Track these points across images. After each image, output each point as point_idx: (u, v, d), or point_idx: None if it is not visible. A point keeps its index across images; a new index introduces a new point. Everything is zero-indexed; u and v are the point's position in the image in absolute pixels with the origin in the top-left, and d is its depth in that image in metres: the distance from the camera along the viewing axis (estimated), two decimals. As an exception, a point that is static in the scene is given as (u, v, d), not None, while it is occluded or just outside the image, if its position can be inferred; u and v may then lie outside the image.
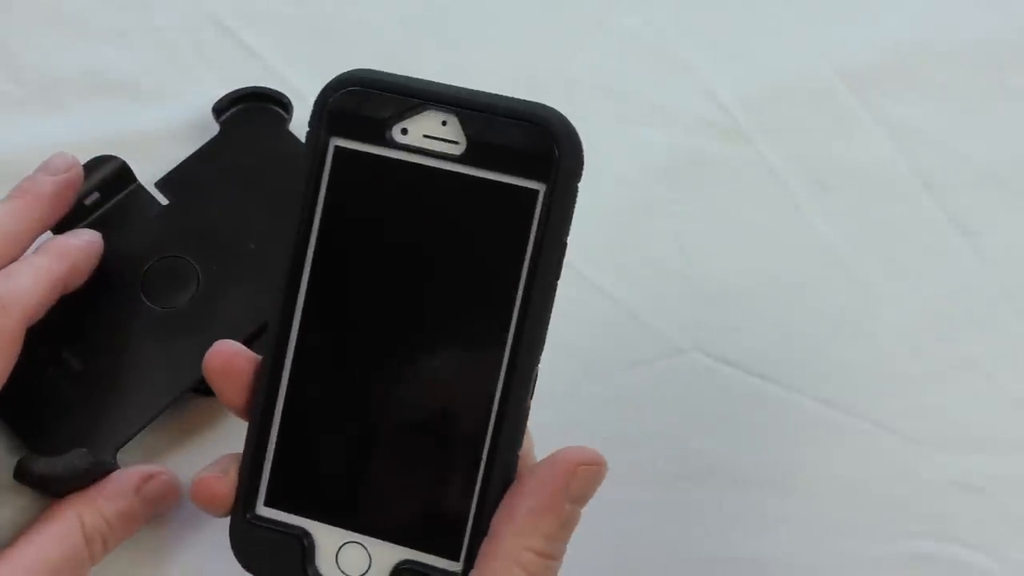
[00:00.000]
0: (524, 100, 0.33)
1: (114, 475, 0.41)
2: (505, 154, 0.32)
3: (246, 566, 0.34)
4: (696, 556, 0.45)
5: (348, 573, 0.33)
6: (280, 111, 0.48)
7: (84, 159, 0.45)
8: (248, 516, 0.34)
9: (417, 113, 0.33)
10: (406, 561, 0.33)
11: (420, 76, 0.35)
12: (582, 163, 0.33)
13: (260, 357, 0.35)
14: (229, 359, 0.35)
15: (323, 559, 0.33)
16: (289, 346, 0.34)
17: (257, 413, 0.34)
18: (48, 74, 0.51)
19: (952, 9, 0.54)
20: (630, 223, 0.49)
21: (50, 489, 0.41)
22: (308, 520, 0.34)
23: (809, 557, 0.45)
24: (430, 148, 0.33)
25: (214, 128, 0.48)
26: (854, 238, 0.49)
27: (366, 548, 0.33)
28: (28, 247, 0.42)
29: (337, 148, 0.33)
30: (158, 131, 0.49)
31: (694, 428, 0.46)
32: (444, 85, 0.33)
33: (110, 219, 0.46)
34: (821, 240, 0.49)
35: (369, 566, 0.33)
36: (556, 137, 0.32)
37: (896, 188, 0.50)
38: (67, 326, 0.43)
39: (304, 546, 0.33)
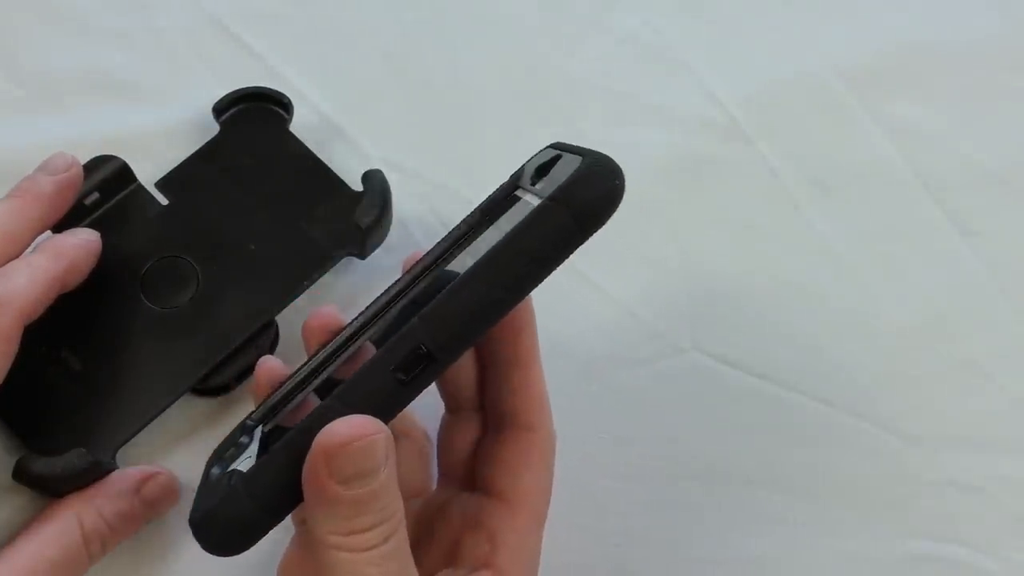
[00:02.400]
0: (594, 150, 0.33)
1: (113, 475, 0.41)
2: (548, 184, 0.33)
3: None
4: (696, 556, 0.45)
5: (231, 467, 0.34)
6: (280, 111, 0.48)
7: (84, 159, 0.45)
8: (248, 421, 0.36)
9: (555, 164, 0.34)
10: (234, 471, 0.33)
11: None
12: (590, 203, 0.31)
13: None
14: (327, 320, 0.37)
15: (230, 456, 0.35)
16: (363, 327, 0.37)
17: (305, 363, 0.37)
18: (48, 74, 0.51)
19: (952, 9, 0.54)
20: (630, 223, 0.49)
21: (49, 489, 0.41)
22: (256, 438, 0.35)
23: (809, 557, 0.45)
24: (536, 187, 0.34)
25: (214, 128, 0.48)
26: (854, 238, 0.49)
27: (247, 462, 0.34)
28: (27, 247, 0.42)
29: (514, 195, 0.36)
30: (158, 131, 0.49)
31: (694, 428, 0.46)
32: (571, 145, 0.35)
33: (110, 219, 0.46)
34: (821, 240, 0.49)
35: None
36: (576, 169, 0.32)
37: (896, 188, 0.50)
38: (66, 326, 0.43)
39: (231, 449, 0.36)
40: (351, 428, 0.30)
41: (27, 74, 0.51)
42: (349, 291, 0.46)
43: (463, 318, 0.31)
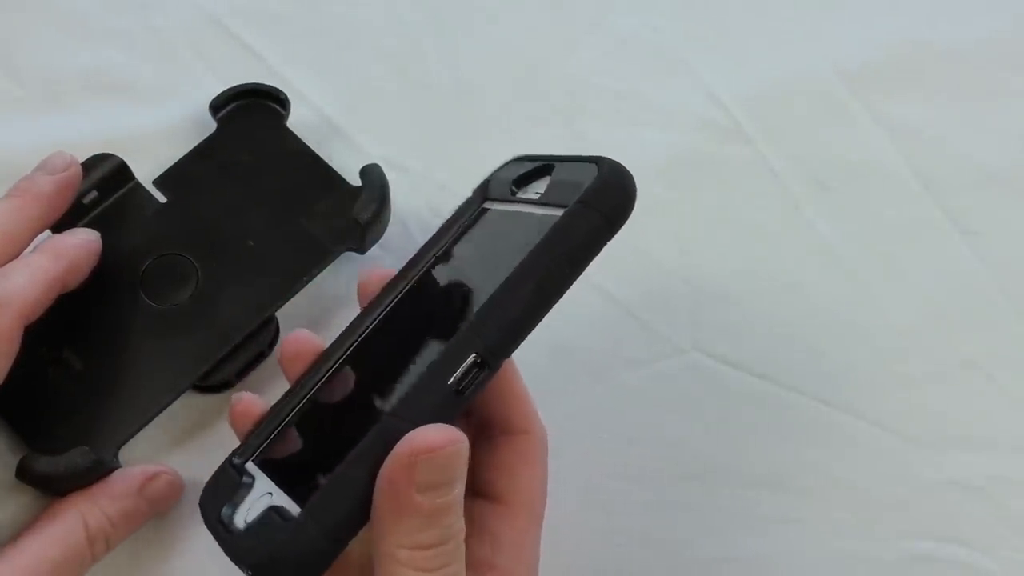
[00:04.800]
0: (603, 156, 0.35)
1: (117, 474, 0.41)
2: (561, 192, 0.35)
3: (201, 498, 0.35)
4: (696, 556, 0.45)
5: (249, 518, 0.34)
6: (277, 108, 0.48)
7: (83, 158, 0.45)
8: (235, 461, 0.36)
9: (540, 177, 0.37)
10: (276, 506, 0.33)
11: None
12: (615, 203, 0.34)
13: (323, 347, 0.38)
14: (303, 344, 0.38)
15: (243, 504, 0.34)
16: (349, 346, 0.37)
17: (291, 391, 0.37)
18: (48, 74, 0.51)
19: (952, 9, 0.54)
20: (630, 223, 0.49)
21: (52, 488, 0.41)
22: (263, 476, 0.35)
23: (809, 557, 0.45)
24: (526, 197, 0.37)
25: (213, 127, 0.48)
26: (854, 238, 0.50)
27: (272, 496, 0.34)
28: (27, 246, 0.42)
29: (482, 208, 0.39)
30: (158, 131, 0.49)
31: (694, 428, 0.46)
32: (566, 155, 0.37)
33: (109, 217, 0.46)
34: (821, 240, 0.49)
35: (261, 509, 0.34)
36: (597, 174, 0.34)
37: (896, 188, 0.50)
38: (67, 325, 0.43)
39: (239, 492, 0.35)
40: (440, 434, 0.31)
41: (27, 74, 0.51)
42: (348, 286, 0.46)
43: (514, 323, 0.33)
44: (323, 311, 0.46)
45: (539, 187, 0.37)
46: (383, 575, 0.32)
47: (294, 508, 0.32)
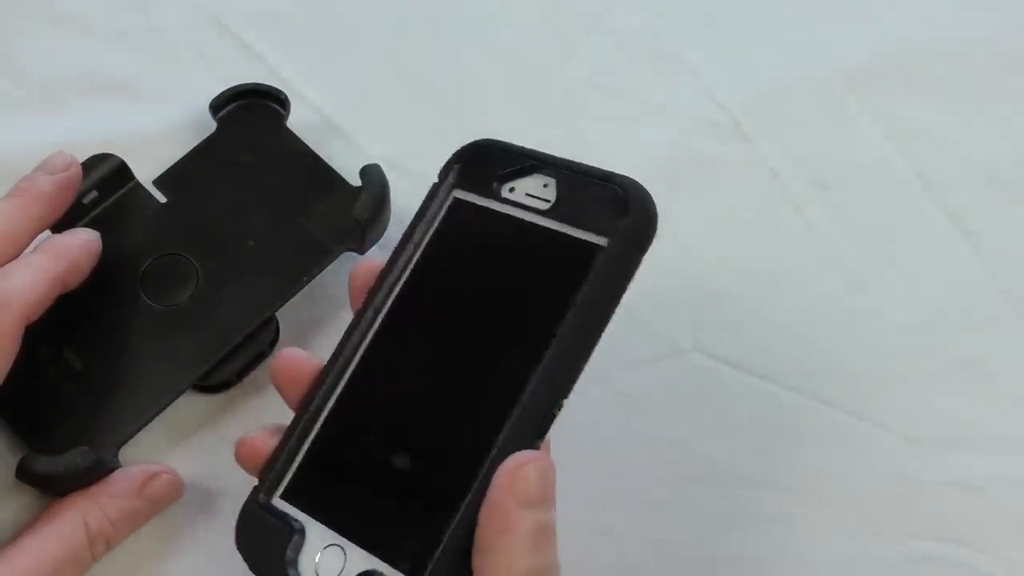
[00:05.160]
0: (616, 172, 0.35)
1: (117, 474, 0.41)
2: (581, 212, 0.35)
3: (239, 545, 0.34)
4: (696, 556, 0.44)
5: (320, 573, 0.33)
6: (277, 107, 0.48)
7: (83, 158, 0.45)
8: (261, 500, 0.35)
9: (527, 175, 0.36)
10: (373, 571, 0.32)
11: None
12: (648, 230, 0.34)
13: (321, 364, 0.37)
14: (296, 364, 0.37)
15: (306, 556, 0.34)
16: (352, 362, 0.36)
17: (302, 415, 0.36)
18: (48, 74, 0.51)
19: (952, 9, 0.54)
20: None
21: (52, 488, 0.41)
22: (308, 517, 0.34)
23: (809, 557, 0.45)
24: (526, 203, 0.36)
25: (213, 127, 0.48)
26: (854, 238, 0.49)
27: (344, 552, 0.33)
28: (27, 246, 0.42)
29: (455, 198, 0.38)
30: (158, 131, 0.49)
31: (694, 428, 0.46)
32: (553, 156, 0.36)
33: (109, 217, 0.46)
34: (821, 240, 0.49)
35: (342, 570, 0.33)
36: (628, 202, 0.34)
37: (896, 188, 0.50)
38: (67, 325, 0.43)
39: (294, 540, 0.34)
40: (528, 453, 0.32)
41: (27, 74, 0.51)
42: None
43: (574, 368, 0.33)
44: (323, 311, 0.46)
45: (534, 190, 0.36)
46: None
47: (394, 573, 0.32)
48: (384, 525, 0.34)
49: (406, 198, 0.48)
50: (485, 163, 0.37)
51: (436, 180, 0.38)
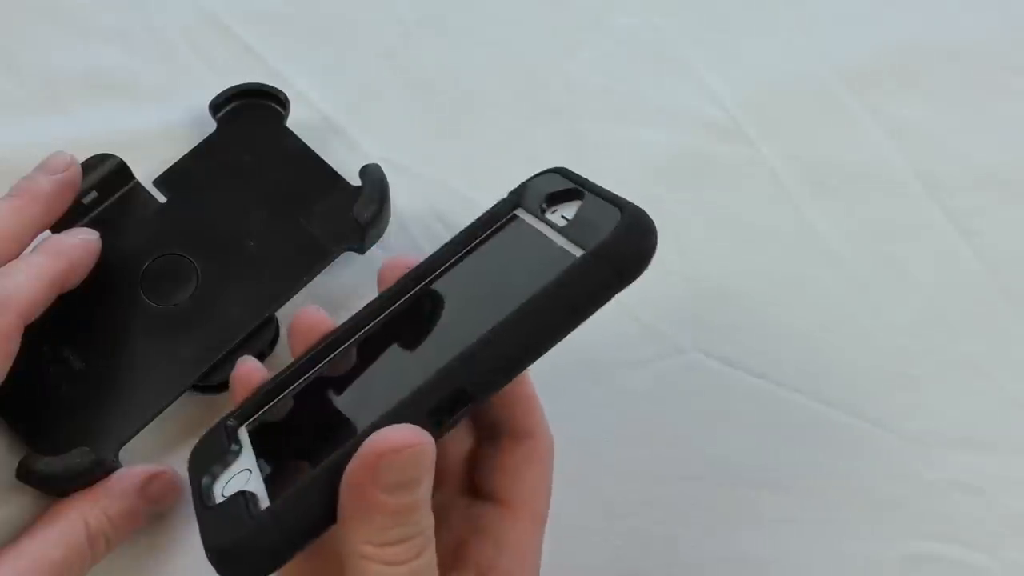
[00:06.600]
0: (627, 200, 0.35)
1: (117, 474, 0.41)
2: (583, 229, 0.34)
3: (190, 458, 0.36)
4: (696, 556, 0.45)
5: (224, 492, 0.34)
6: (277, 108, 0.48)
7: (83, 158, 0.45)
8: (229, 425, 0.36)
9: (570, 200, 0.36)
10: (245, 492, 0.33)
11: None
12: (630, 259, 0.33)
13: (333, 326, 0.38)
14: (313, 323, 0.38)
15: (226, 474, 0.34)
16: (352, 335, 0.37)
17: (293, 365, 0.37)
18: (48, 74, 0.51)
19: (952, 9, 0.54)
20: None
21: (53, 488, 0.41)
22: (249, 446, 0.35)
23: (809, 557, 0.45)
24: (553, 221, 0.36)
25: (213, 127, 0.48)
26: (854, 238, 0.49)
27: (250, 475, 0.34)
28: (27, 246, 0.42)
29: (511, 213, 0.38)
30: (158, 131, 0.49)
31: (694, 428, 0.46)
32: (596, 185, 0.36)
33: (108, 217, 0.46)
34: (821, 240, 0.49)
35: (237, 490, 0.33)
36: (617, 225, 0.33)
37: (896, 188, 0.50)
38: (68, 325, 0.43)
39: (226, 459, 0.35)
40: (403, 435, 0.31)
41: (27, 74, 0.51)
42: (349, 286, 0.46)
43: (506, 364, 0.32)
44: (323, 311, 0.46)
45: (567, 211, 0.36)
46: (351, 571, 0.31)
47: (263, 498, 0.32)
48: (286, 464, 0.34)
49: (406, 198, 0.48)
50: (545, 186, 0.37)
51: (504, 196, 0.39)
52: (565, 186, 0.37)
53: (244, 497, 0.32)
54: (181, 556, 0.43)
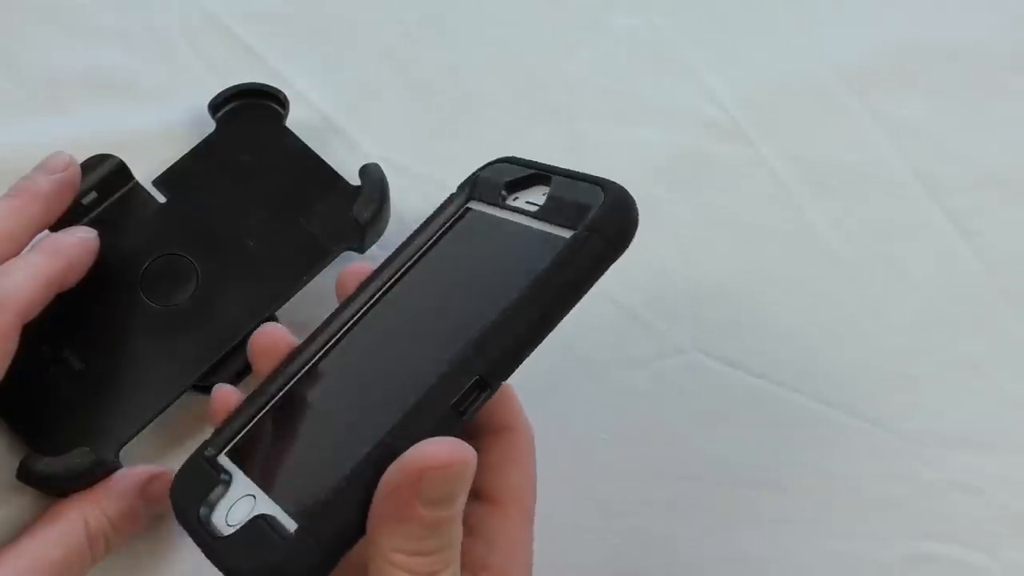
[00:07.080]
0: (603, 177, 0.35)
1: (117, 475, 0.41)
2: (561, 211, 0.35)
3: (171, 492, 0.35)
4: (695, 556, 0.45)
5: (229, 520, 0.33)
6: (277, 108, 0.48)
7: (83, 158, 0.45)
8: (208, 453, 0.36)
9: (530, 186, 0.38)
10: (265, 515, 0.33)
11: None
12: (616, 219, 0.34)
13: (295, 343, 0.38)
14: (274, 340, 0.38)
15: (224, 503, 0.34)
16: (324, 346, 0.38)
17: (265, 386, 0.37)
18: (48, 74, 0.51)
19: (952, 9, 0.54)
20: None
21: (53, 489, 0.41)
22: (239, 471, 0.35)
23: (809, 557, 0.45)
24: (522, 208, 0.37)
25: (213, 127, 0.48)
26: (854, 238, 0.49)
27: (255, 500, 0.34)
28: (25, 246, 0.42)
29: (464, 207, 0.39)
30: (158, 131, 0.49)
31: (694, 428, 0.46)
32: (557, 166, 0.37)
33: (108, 218, 0.46)
34: (821, 240, 0.49)
35: (248, 515, 0.33)
36: (602, 199, 0.34)
37: (896, 188, 0.50)
38: (67, 325, 0.43)
39: (217, 489, 0.34)
40: (448, 451, 0.31)
41: (27, 74, 0.51)
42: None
43: (517, 347, 0.33)
44: (323, 311, 0.46)
45: (533, 197, 0.37)
46: (377, 573, 0.31)
47: (285, 519, 0.32)
48: (298, 480, 0.34)
49: (406, 198, 0.48)
50: (500, 175, 0.38)
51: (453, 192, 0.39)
52: (524, 173, 0.37)
53: (265, 520, 0.32)
54: (181, 556, 0.43)
